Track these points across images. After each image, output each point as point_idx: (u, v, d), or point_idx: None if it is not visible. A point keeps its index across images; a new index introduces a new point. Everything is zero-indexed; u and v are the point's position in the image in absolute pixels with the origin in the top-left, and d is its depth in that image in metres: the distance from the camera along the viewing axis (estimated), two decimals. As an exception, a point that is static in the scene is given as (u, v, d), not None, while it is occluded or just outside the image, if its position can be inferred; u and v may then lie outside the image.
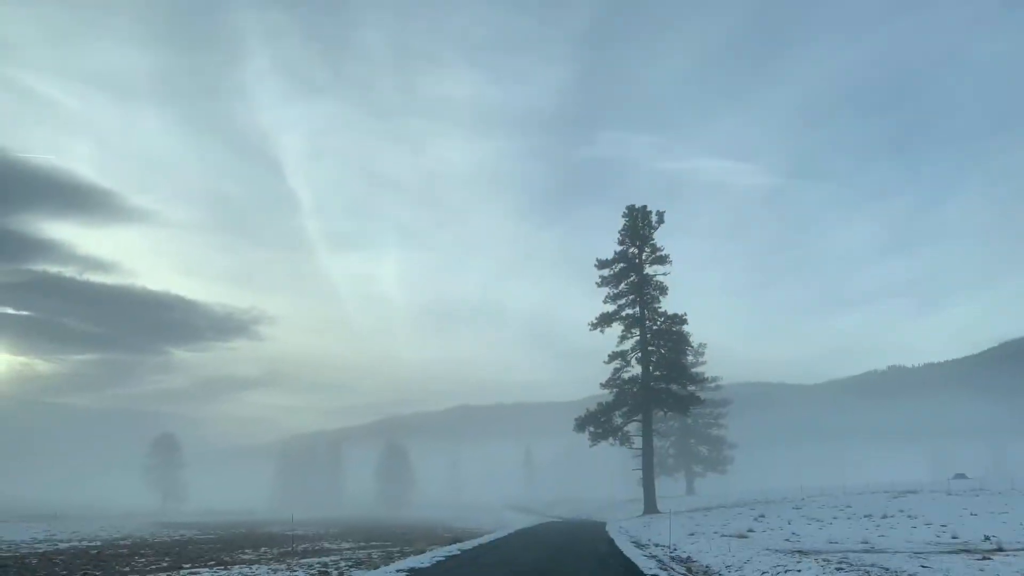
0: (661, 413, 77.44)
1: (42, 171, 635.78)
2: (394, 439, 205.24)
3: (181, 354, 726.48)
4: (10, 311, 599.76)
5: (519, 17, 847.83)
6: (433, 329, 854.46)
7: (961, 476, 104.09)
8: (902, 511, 45.97)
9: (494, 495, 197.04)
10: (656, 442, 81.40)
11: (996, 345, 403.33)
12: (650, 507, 70.34)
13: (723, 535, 34.42)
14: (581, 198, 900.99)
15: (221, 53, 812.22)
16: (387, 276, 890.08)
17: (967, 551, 24.94)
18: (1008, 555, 22.92)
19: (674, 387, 70.84)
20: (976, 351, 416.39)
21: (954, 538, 30.74)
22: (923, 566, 19.63)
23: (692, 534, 36.60)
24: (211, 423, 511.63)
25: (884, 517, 42.68)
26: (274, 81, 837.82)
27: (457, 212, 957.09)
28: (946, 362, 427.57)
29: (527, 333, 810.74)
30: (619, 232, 73.50)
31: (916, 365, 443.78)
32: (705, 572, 21.20)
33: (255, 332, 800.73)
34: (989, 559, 21.40)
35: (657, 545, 32.03)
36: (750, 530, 37.16)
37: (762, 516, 48.13)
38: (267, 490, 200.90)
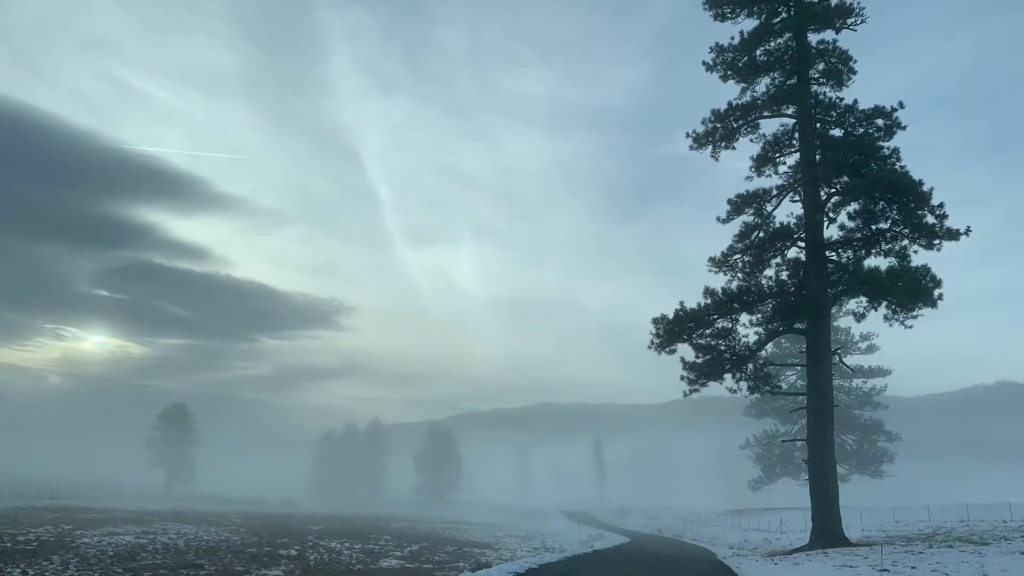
0: (857, 308, 34.05)
1: (137, 160, 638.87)
2: (442, 427, 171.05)
3: (266, 341, 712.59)
4: (104, 293, 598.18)
5: (594, 17, 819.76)
6: (510, 324, 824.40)
7: None
8: None
9: (561, 496, 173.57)
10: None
11: None
12: (827, 530, 29.06)
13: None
14: (659, 197, 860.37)
15: (305, 51, 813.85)
16: (464, 270, 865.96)
17: None
18: None
19: (891, 246, 29.42)
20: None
21: None
22: None
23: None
24: (292, 411, 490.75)
25: None
26: (355, 78, 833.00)
27: (533, 208, 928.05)
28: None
29: (606, 332, 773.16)
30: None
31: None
32: None
33: (335, 322, 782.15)
34: None
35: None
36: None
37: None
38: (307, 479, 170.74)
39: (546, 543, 47.84)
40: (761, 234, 32.25)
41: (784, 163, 33.37)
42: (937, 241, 28.40)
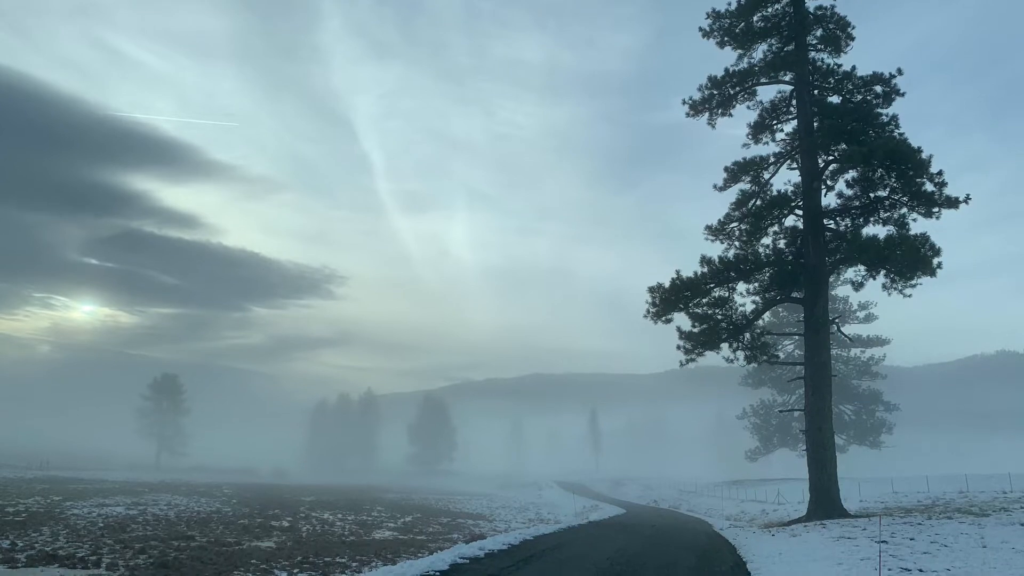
0: (855, 277, 34.21)
1: (127, 127, 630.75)
2: (435, 397, 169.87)
3: (257, 310, 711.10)
4: (94, 262, 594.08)
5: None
6: (504, 293, 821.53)
7: None
8: None
9: (555, 466, 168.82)
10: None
11: None
12: (825, 502, 29.20)
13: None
14: (655, 164, 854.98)
15: (297, 16, 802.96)
16: (457, 238, 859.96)
17: None
18: None
19: (889, 214, 29.29)
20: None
21: None
22: None
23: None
24: (284, 380, 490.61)
25: None
26: (348, 43, 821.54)
27: (527, 175, 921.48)
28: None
29: (601, 301, 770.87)
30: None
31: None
32: None
33: (327, 291, 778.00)
34: None
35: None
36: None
37: None
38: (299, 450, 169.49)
39: (541, 514, 48.06)
40: (758, 202, 32.17)
41: (781, 130, 33.29)
42: (936, 209, 28.31)
